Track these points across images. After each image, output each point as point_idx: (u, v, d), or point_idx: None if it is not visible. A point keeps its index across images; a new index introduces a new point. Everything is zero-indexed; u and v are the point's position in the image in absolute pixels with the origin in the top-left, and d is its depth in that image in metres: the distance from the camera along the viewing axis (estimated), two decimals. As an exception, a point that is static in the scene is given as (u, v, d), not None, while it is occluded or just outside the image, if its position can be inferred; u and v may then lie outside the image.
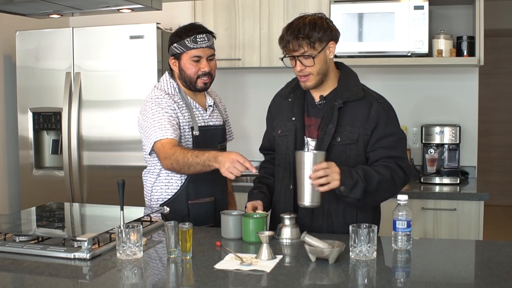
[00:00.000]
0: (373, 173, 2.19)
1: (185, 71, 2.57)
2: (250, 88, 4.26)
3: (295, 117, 2.33)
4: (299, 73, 2.26)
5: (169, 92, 2.59)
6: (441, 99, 3.97)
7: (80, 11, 2.81)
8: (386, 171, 2.22)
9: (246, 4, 3.91)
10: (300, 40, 2.20)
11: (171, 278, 1.87)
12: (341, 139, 2.26)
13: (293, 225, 2.19)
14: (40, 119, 3.80)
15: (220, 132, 2.70)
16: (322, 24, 2.24)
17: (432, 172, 3.75)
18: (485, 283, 1.74)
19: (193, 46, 2.54)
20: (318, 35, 2.21)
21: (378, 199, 2.30)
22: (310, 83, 2.28)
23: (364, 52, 3.66)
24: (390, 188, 2.24)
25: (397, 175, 2.23)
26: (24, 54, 3.81)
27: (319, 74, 2.26)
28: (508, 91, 7.43)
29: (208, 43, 2.57)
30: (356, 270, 1.87)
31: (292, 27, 2.23)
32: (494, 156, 7.42)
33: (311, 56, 2.21)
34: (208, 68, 2.57)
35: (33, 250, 2.00)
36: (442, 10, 3.91)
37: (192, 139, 2.57)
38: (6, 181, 3.98)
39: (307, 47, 2.21)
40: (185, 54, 2.55)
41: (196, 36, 2.54)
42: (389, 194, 2.27)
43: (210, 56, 2.59)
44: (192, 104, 2.62)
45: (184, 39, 2.54)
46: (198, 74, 2.56)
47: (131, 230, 1.95)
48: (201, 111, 2.64)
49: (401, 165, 2.26)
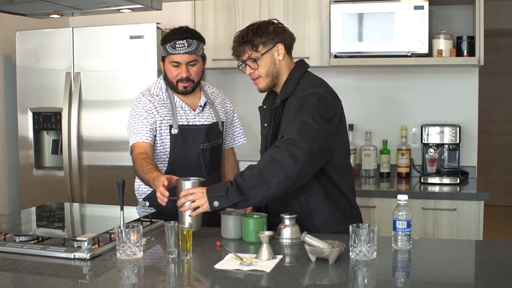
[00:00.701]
0: (248, 171, 2.11)
1: (167, 74, 2.67)
2: (250, 88, 4.24)
3: (266, 122, 2.44)
4: (250, 76, 2.38)
5: (153, 92, 2.69)
6: (441, 99, 3.97)
7: (80, 11, 2.81)
8: (266, 156, 2.13)
9: (246, 4, 3.91)
10: (243, 45, 2.34)
11: (171, 278, 1.87)
12: (284, 135, 2.26)
13: (293, 225, 2.19)
14: (40, 119, 3.80)
15: (205, 131, 2.69)
16: (266, 28, 2.34)
17: (432, 172, 3.75)
18: (485, 283, 1.74)
19: (172, 52, 2.61)
20: (261, 39, 2.32)
21: (276, 190, 2.10)
22: (261, 85, 2.38)
23: (364, 52, 3.66)
24: (278, 169, 2.07)
25: (277, 153, 2.09)
26: (24, 54, 3.81)
27: (268, 76, 2.35)
28: (508, 91, 7.43)
29: (188, 49, 2.60)
30: (356, 270, 1.87)
31: (237, 35, 2.38)
32: (494, 156, 7.42)
33: (253, 59, 2.33)
34: (185, 74, 2.62)
35: (33, 250, 2.00)
36: (442, 10, 3.91)
37: (170, 137, 2.63)
38: (6, 181, 3.98)
39: (250, 51, 2.34)
40: (167, 59, 2.65)
41: (176, 42, 2.60)
42: (283, 177, 2.07)
43: (191, 62, 2.63)
44: (178, 103, 2.68)
45: (166, 43, 2.62)
46: (177, 79, 2.63)
47: (131, 230, 1.95)
48: (186, 110, 2.68)
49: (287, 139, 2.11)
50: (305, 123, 2.15)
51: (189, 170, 2.62)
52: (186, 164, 2.65)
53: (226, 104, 2.89)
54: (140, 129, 2.61)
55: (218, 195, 2.09)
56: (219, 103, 2.84)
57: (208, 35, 3.99)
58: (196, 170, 2.65)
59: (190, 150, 2.66)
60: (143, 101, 2.66)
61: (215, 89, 2.90)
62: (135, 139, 2.59)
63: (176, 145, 2.64)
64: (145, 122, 2.61)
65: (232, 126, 2.92)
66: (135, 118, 2.63)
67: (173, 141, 2.64)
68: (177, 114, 2.65)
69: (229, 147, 2.94)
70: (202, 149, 2.67)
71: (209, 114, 2.75)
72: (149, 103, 2.64)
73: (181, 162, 2.65)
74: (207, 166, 2.70)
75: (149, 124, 2.61)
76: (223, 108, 2.85)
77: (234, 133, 2.94)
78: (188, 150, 2.65)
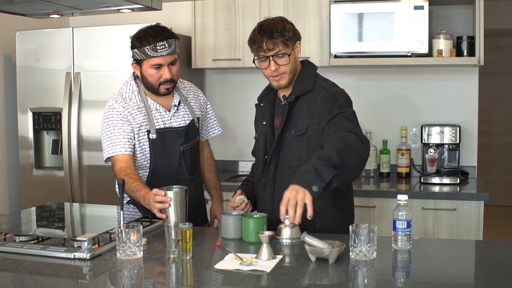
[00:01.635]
0: (326, 151, 2.05)
1: (147, 77, 2.52)
2: (250, 88, 4.25)
3: (265, 121, 2.42)
4: (274, 72, 2.29)
5: (126, 96, 2.56)
6: (441, 99, 3.97)
7: (80, 11, 2.81)
8: (338, 142, 2.08)
9: (246, 4, 3.91)
10: (275, 38, 2.24)
11: (171, 278, 1.87)
12: (294, 132, 2.31)
13: (293, 225, 2.19)
14: (40, 119, 3.80)
15: (183, 133, 2.61)
16: (289, 24, 2.31)
17: (432, 172, 3.75)
18: (485, 283, 1.74)
19: (153, 55, 2.46)
20: (289, 34, 2.27)
21: (352, 171, 2.11)
22: (283, 81, 2.32)
23: (364, 52, 3.66)
24: (353, 153, 2.06)
25: (350, 139, 2.08)
26: (24, 54, 3.81)
27: (291, 73, 2.32)
28: (508, 91, 7.43)
29: (169, 50, 2.49)
30: (356, 270, 1.87)
31: (264, 28, 2.26)
32: (494, 156, 7.42)
33: (286, 54, 2.26)
34: (169, 75, 2.51)
35: (33, 250, 2.00)
36: (442, 10, 3.91)
37: (148, 142, 2.54)
38: (6, 181, 3.98)
39: (282, 46, 2.25)
40: (146, 62, 2.49)
41: (156, 44, 2.46)
42: (357, 161, 2.07)
43: (172, 62, 2.52)
44: (152, 106, 2.57)
45: (144, 46, 2.47)
46: (160, 81, 2.51)
47: (131, 230, 1.95)
48: (162, 112, 2.58)
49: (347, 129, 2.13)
50: (350, 119, 2.20)
51: (171, 173, 2.57)
52: (168, 168, 2.58)
53: (200, 98, 2.79)
54: (118, 140, 2.49)
55: (311, 179, 1.93)
56: (193, 98, 2.74)
57: (208, 35, 4.01)
58: (178, 172, 2.59)
59: (170, 153, 2.57)
60: (117, 108, 2.52)
61: (186, 83, 2.79)
62: (114, 152, 2.48)
63: (156, 150, 2.55)
64: (121, 132, 2.50)
65: (206, 119, 2.84)
66: (111, 127, 2.51)
67: (152, 146, 2.54)
68: (153, 117, 2.56)
69: (204, 139, 2.87)
70: (182, 151, 2.59)
71: (185, 113, 2.65)
72: (124, 109, 2.51)
73: (163, 166, 2.57)
74: (189, 166, 2.63)
75: (126, 134, 2.50)
76: (197, 102, 2.75)
77: (208, 125, 2.87)
78: (168, 153, 2.57)
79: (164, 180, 2.47)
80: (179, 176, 2.58)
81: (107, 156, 2.50)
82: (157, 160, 2.56)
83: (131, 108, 2.54)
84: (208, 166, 2.89)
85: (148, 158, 2.57)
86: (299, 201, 1.91)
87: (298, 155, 2.30)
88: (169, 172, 2.57)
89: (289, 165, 2.33)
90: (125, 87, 2.61)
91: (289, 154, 2.33)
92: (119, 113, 2.52)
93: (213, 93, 4.35)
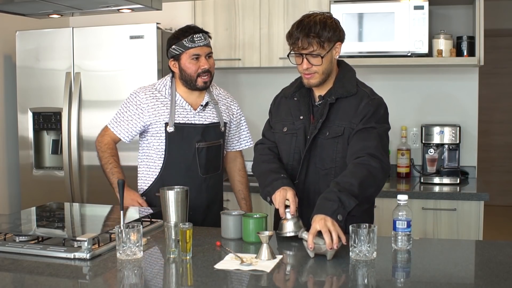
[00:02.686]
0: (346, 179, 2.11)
1: (185, 70, 2.64)
2: (250, 88, 4.26)
3: (303, 116, 2.34)
4: (305, 71, 2.26)
5: (157, 87, 2.72)
6: (441, 99, 3.97)
7: (80, 11, 2.81)
8: (361, 169, 2.14)
9: (246, 4, 3.91)
10: (311, 38, 2.20)
11: (171, 278, 1.87)
12: (329, 133, 2.28)
13: (295, 218, 2.18)
14: (40, 119, 3.80)
15: (201, 130, 2.68)
16: (332, 24, 2.25)
17: (432, 172, 3.75)
18: (485, 283, 1.74)
19: (191, 46, 2.62)
20: (328, 34, 2.22)
21: (368, 199, 2.26)
22: (314, 80, 2.28)
23: (364, 52, 3.66)
24: (373, 183, 2.16)
25: (372, 167, 2.15)
26: (24, 54, 3.81)
27: (324, 74, 2.28)
28: (508, 91, 7.43)
29: (205, 42, 2.65)
30: (356, 270, 1.87)
31: (303, 25, 2.23)
32: (494, 156, 7.42)
33: (319, 55, 2.22)
34: (207, 65, 2.64)
35: (33, 250, 2.00)
36: (442, 10, 3.91)
37: (165, 134, 2.65)
38: (6, 181, 3.98)
39: (316, 46, 2.21)
40: (184, 54, 2.63)
41: (193, 35, 2.62)
42: (375, 189, 2.20)
43: (208, 54, 2.67)
44: (178, 101, 2.69)
45: (181, 39, 2.62)
46: (198, 72, 2.63)
47: (131, 230, 1.95)
48: (187, 109, 2.69)
49: (373, 153, 2.18)
50: (381, 138, 2.25)
51: (183, 168, 2.66)
52: (180, 162, 2.66)
53: (232, 107, 2.86)
54: (123, 123, 2.70)
55: (335, 208, 1.99)
56: (224, 104, 2.82)
57: (208, 35, 4.00)
58: (190, 168, 2.66)
59: (185, 148, 2.66)
60: (140, 97, 2.69)
61: (222, 91, 2.88)
62: (113, 128, 2.73)
63: (171, 143, 2.65)
64: (129, 120, 2.69)
65: (239, 130, 2.90)
66: (125, 109, 2.71)
67: (168, 139, 2.65)
68: (176, 112, 2.66)
69: (235, 149, 2.93)
70: (197, 148, 2.66)
71: (211, 114, 2.74)
72: (145, 100, 2.67)
73: (176, 160, 2.66)
74: (203, 165, 2.69)
75: (132, 124, 2.69)
76: (227, 109, 2.82)
77: (240, 137, 2.92)
78: (183, 148, 2.66)
79: (176, 174, 2.58)
80: (191, 173, 2.66)
81: (107, 125, 2.77)
82: (171, 153, 2.66)
83: (156, 100, 2.68)
84: (239, 177, 2.92)
85: (163, 149, 2.66)
86: (331, 228, 1.94)
87: (333, 158, 2.28)
88: (182, 166, 2.66)
89: (322, 167, 2.30)
90: (160, 81, 2.77)
91: (323, 156, 2.29)
92: (139, 102, 2.68)
93: (213, 93, 4.35)
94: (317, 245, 1.92)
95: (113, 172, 2.68)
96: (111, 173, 2.68)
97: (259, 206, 3.20)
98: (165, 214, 2.28)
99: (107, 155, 2.71)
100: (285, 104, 2.42)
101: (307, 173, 2.33)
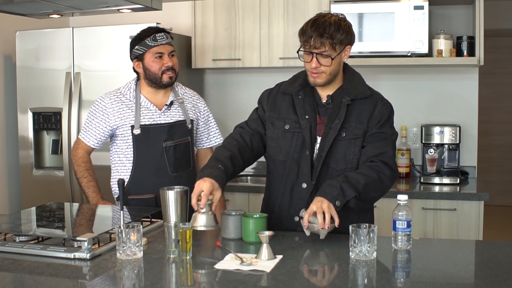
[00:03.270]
0: (357, 176, 2.18)
1: (150, 69, 2.70)
2: (250, 88, 4.25)
3: (308, 115, 2.32)
4: (313, 69, 2.25)
5: (122, 90, 2.78)
6: (441, 99, 3.97)
7: (80, 11, 2.81)
8: (372, 172, 2.22)
9: (246, 4, 3.91)
10: (324, 38, 2.19)
11: (171, 278, 1.87)
12: (346, 134, 2.28)
13: (208, 213, 2.15)
14: (40, 119, 3.80)
15: (167, 129, 2.72)
16: (345, 26, 2.25)
17: (432, 172, 3.75)
18: (485, 283, 1.74)
19: (154, 44, 2.69)
20: (341, 37, 2.22)
21: (369, 200, 2.31)
22: (320, 80, 2.28)
23: (364, 52, 3.66)
24: (379, 187, 2.24)
25: (383, 174, 2.23)
26: (24, 54, 3.81)
27: (331, 75, 2.27)
28: (508, 91, 7.43)
29: (168, 40, 2.73)
30: (356, 270, 1.87)
31: (317, 24, 2.21)
32: (494, 156, 7.42)
33: (330, 57, 2.22)
34: (171, 63, 2.71)
35: (33, 250, 2.00)
36: (442, 10, 3.91)
37: (132, 137, 2.70)
38: (6, 181, 3.98)
39: (328, 47, 2.21)
40: (148, 53, 2.70)
41: (156, 34, 2.69)
42: (379, 194, 2.29)
43: (171, 52, 2.74)
44: (143, 103, 2.73)
45: (144, 39, 2.69)
46: (163, 70, 2.70)
47: (131, 230, 1.95)
48: (152, 110, 2.73)
49: (387, 161, 2.25)
50: (394, 146, 2.35)
51: (153, 168, 2.70)
52: (149, 163, 2.71)
53: (199, 104, 2.90)
54: (92, 131, 2.76)
55: (335, 194, 2.10)
56: (190, 103, 2.86)
57: (208, 35, 4.01)
58: (160, 168, 2.70)
59: (152, 148, 2.70)
60: (105, 102, 2.74)
61: (187, 89, 2.92)
62: (83, 138, 2.79)
63: (138, 145, 2.70)
64: (97, 126, 2.75)
65: (207, 127, 2.94)
66: (92, 117, 2.77)
67: (135, 141, 2.70)
68: (141, 114, 2.70)
69: (205, 147, 2.96)
70: (165, 147, 2.70)
71: (176, 112, 2.78)
72: (110, 105, 2.72)
73: (145, 160, 2.71)
74: (172, 163, 2.72)
75: (100, 130, 2.75)
76: (194, 107, 2.86)
77: (210, 133, 2.96)
78: (150, 148, 2.70)
79: (146, 174, 2.64)
80: (161, 172, 2.70)
81: (78, 136, 2.83)
82: (139, 154, 2.70)
83: (121, 103, 2.73)
84: None
85: (132, 152, 2.71)
86: (325, 209, 2.04)
87: (350, 159, 2.28)
88: (151, 166, 2.70)
89: (336, 167, 2.29)
90: (125, 84, 2.82)
91: (338, 157, 2.28)
92: (104, 107, 2.73)
93: (213, 93, 4.35)
94: (311, 224, 2.05)
95: (89, 186, 2.75)
96: (87, 186, 2.75)
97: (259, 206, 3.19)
98: (165, 214, 2.28)
99: (82, 169, 2.78)
100: (285, 101, 2.38)
101: (320, 174, 2.29)
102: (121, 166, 2.76)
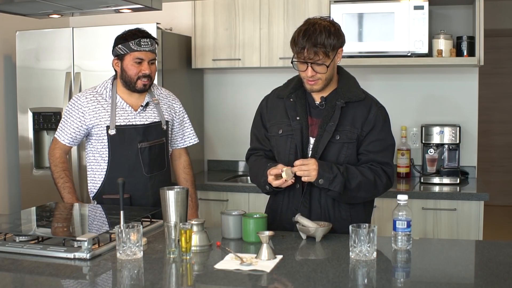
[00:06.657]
0: (356, 172, 2.26)
1: (127, 71, 2.70)
2: (250, 88, 4.26)
3: (299, 116, 2.33)
4: (309, 78, 2.26)
5: (98, 90, 2.76)
6: (441, 99, 3.97)
7: (80, 11, 2.81)
8: (370, 174, 2.28)
9: (246, 4, 3.91)
10: (317, 48, 2.19)
11: (171, 278, 1.87)
12: (340, 137, 2.29)
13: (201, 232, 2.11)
14: (40, 119, 3.80)
15: (142, 130, 2.72)
16: (335, 31, 2.25)
17: (432, 172, 3.75)
18: (485, 283, 1.74)
19: (137, 49, 2.67)
20: (333, 42, 2.22)
21: (357, 198, 2.32)
22: (317, 86, 2.29)
23: (364, 52, 3.65)
24: (371, 190, 2.30)
25: (380, 180, 2.30)
26: (24, 54, 3.81)
27: (327, 79, 2.29)
28: (508, 91, 7.43)
29: (151, 48, 2.70)
30: (356, 270, 1.87)
31: (309, 34, 2.20)
32: (494, 156, 7.42)
33: (324, 64, 2.23)
34: (148, 71, 2.69)
35: (33, 250, 2.01)
36: (442, 10, 3.91)
37: (107, 137, 2.69)
38: (6, 181, 3.98)
39: (322, 55, 2.21)
40: (128, 56, 2.68)
41: (141, 39, 2.67)
42: (369, 196, 2.35)
43: (151, 60, 2.71)
44: (119, 104, 2.73)
45: (129, 41, 2.67)
46: (139, 76, 2.69)
47: (131, 230, 1.95)
48: (127, 110, 2.73)
49: (387, 171, 2.32)
50: (393, 148, 2.39)
51: (128, 169, 2.70)
52: (124, 163, 2.71)
53: (175, 105, 2.90)
54: (67, 130, 2.75)
55: (327, 176, 2.19)
56: (166, 104, 2.86)
57: (208, 35, 4.00)
58: (135, 168, 2.71)
59: (127, 149, 2.70)
60: (81, 101, 2.72)
61: (163, 90, 2.92)
62: (59, 137, 2.76)
63: (113, 145, 2.70)
64: (72, 125, 2.73)
65: (182, 127, 2.94)
66: (68, 116, 2.75)
67: (111, 142, 2.70)
68: (116, 114, 2.70)
69: (180, 147, 2.97)
70: (140, 148, 2.71)
71: (152, 114, 2.78)
72: (86, 103, 2.71)
73: (119, 161, 2.71)
74: (147, 164, 2.73)
75: (76, 128, 2.73)
76: (169, 108, 2.86)
77: (185, 134, 2.96)
78: (125, 149, 2.70)
79: (121, 174, 2.58)
80: (136, 172, 2.71)
81: (55, 135, 2.80)
82: (114, 155, 2.71)
83: (97, 103, 2.72)
84: (184, 174, 2.97)
85: (107, 152, 2.71)
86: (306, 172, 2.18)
87: (342, 161, 2.29)
88: (126, 167, 2.71)
89: None
90: (101, 83, 2.80)
91: (330, 159, 2.28)
92: (80, 106, 2.72)
93: (212, 93, 4.35)
94: (306, 228, 2.13)
95: (64, 187, 2.75)
96: (63, 187, 2.75)
97: (259, 206, 3.20)
98: (165, 214, 2.28)
99: (58, 169, 2.77)
100: (279, 106, 2.41)
101: None
102: (97, 165, 2.76)
